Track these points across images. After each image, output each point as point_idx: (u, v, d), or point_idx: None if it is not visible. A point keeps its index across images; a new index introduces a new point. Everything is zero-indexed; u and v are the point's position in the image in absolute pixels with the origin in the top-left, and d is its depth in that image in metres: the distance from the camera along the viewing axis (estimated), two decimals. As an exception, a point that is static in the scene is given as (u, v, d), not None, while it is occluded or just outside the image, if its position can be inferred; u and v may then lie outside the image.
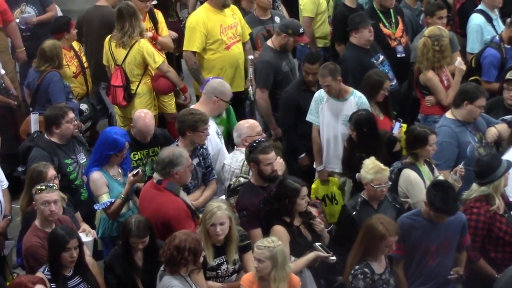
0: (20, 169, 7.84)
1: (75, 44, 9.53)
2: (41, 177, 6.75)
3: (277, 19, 9.67)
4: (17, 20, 9.97)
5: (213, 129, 7.86)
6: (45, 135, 7.67)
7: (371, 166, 6.93)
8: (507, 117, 7.85)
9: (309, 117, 8.28)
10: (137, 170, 7.14)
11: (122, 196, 7.11)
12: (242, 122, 7.80)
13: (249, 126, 7.63)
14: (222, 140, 8.04)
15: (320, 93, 8.24)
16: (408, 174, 7.27)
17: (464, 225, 6.75)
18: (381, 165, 6.94)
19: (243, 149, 7.30)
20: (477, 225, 6.86)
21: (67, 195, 6.94)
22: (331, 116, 8.17)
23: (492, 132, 7.69)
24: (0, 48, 9.28)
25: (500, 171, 6.83)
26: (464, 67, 8.74)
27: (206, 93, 8.05)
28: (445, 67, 8.73)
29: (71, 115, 7.67)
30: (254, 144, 6.99)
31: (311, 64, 8.45)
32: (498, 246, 6.88)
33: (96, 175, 7.17)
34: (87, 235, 7.08)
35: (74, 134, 7.78)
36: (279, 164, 7.01)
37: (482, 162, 6.97)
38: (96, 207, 7.18)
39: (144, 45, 8.95)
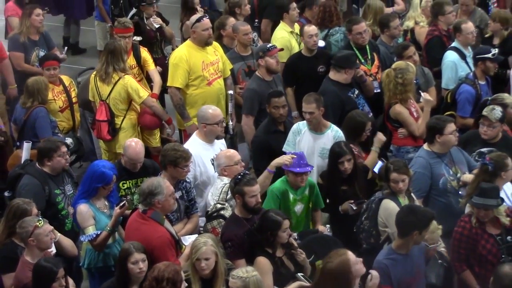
0: (6, 194, 7.82)
1: (65, 79, 9.53)
2: (25, 215, 6.73)
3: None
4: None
5: (209, 156, 7.93)
6: (37, 165, 7.70)
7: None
8: (484, 149, 7.86)
9: (285, 148, 8.26)
10: (123, 202, 7.10)
11: (108, 228, 7.09)
12: (221, 152, 7.83)
13: (227, 156, 7.63)
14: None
15: (298, 126, 8.30)
16: (387, 204, 7.22)
17: (425, 251, 6.83)
18: (435, 224, 6.80)
19: (223, 178, 7.48)
20: (461, 238, 6.93)
21: (54, 224, 7.00)
22: (307, 148, 8.18)
23: (469, 177, 7.66)
24: None
25: (491, 203, 6.83)
26: (430, 98, 8.80)
27: (197, 123, 8.18)
28: (412, 100, 8.79)
29: (64, 149, 7.69)
30: (239, 177, 7.00)
31: (278, 98, 8.45)
32: (481, 263, 6.91)
33: (83, 208, 7.14)
34: None
35: (64, 167, 7.76)
36: None
37: (482, 186, 6.96)
38: (82, 239, 7.15)
39: (128, 80, 8.97)
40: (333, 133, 8.19)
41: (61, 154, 7.64)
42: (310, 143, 8.19)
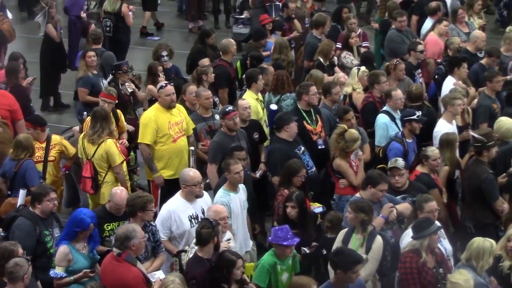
0: (2, 234, 7.71)
1: (54, 139, 9.43)
2: (12, 255, 6.72)
3: (216, 116, 9.68)
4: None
5: (188, 213, 7.87)
6: (30, 208, 7.74)
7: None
8: (399, 197, 7.95)
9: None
10: (94, 273, 7.19)
11: (72, 279, 7.13)
12: (212, 206, 7.75)
13: (214, 210, 7.57)
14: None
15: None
16: (339, 237, 7.42)
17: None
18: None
19: None
20: (411, 271, 6.94)
21: (43, 260, 7.15)
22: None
23: (388, 208, 7.67)
24: (4, 140, 9.29)
25: (427, 232, 6.93)
26: (362, 156, 9.03)
27: (180, 183, 8.02)
28: (352, 154, 8.92)
29: (53, 195, 7.74)
30: (213, 223, 7.12)
31: (239, 151, 8.53)
32: None
33: (62, 249, 7.18)
34: None
35: (52, 211, 7.78)
36: None
37: (417, 222, 7.12)
38: (51, 273, 7.16)
39: (109, 145, 9.00)
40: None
41: (50, 199, 7.68)
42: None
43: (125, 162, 9.39)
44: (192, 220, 7.83)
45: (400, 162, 8.17)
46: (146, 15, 16.55)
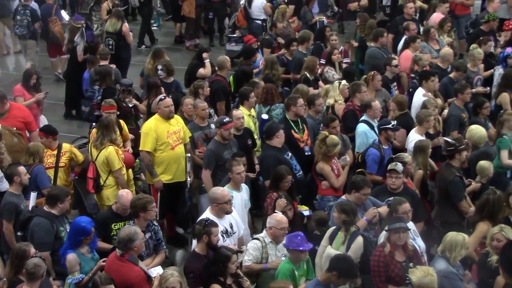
0: (19, 233, 7.85)
1: (65, 146, 9.47)
2: (25, 254, 6.81)
3: (212, 126, 9.76)
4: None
5: (219, 228, 7.57)
6: (45, 208, 7.82)
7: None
8: (390, 199, 7.93)
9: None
10: (103, 260, 7.27)
11: (90, 274, 7.21)
12: (275, 215, 7.64)
13: (277, 220, 7.51)
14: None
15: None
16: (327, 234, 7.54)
17: None
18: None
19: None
20: (378, 264, 7.05)
21: (59, 254, 7.23)
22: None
23: (372, 212, 7.78)
24: (19, 149, 9.31)
25: (391, 227, 7.00)
26: (349, 161, 9.20)
27: (209, 202, 7.99)
28: (334, 159, 9.06)
29: (68, 196, 7.98)
30: (206, 222, 7.25)
31: (241, 157, 8.64)
32: (391, 282, 7.04)
33: (71, 256, 7.22)
34: None
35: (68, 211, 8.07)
36: None
37: (390, 220, 7.23)
38: (69, 281, 7.16)
39: (110, 151, 9.05)
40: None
41: (68, 200, 7.93)
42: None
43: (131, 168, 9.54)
44: (224, 235, 7.77)
45: (400, 166, 8.16)
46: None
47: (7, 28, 16.25)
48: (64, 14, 14.98)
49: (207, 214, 7.84)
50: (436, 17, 13.74)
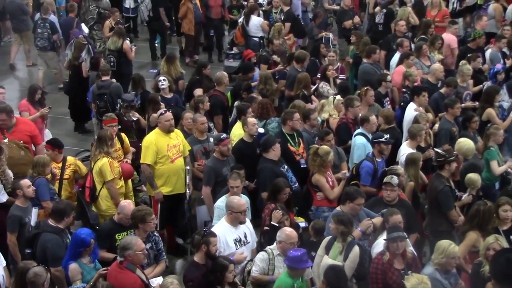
0: (27, 250, 7.83)
1: (70, 159, 9.50)
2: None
3: (211, 139, 9.81)
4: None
5: (233, 237, 7.76)
6: (50, 222, 7.82)
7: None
8: (384, 210, 7.94)
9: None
10: (106, 271, 7.27)
11: (91, 283, 7.21)
12: (285, 229, 7.55)
13: (287, 234, 7.40)
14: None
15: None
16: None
17: None
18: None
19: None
20: (376, 271, 7.09)
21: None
22: None
23: (366, 223, 7.81)
24: (26, 162, 9.31)
25: (389, 237, 7.08)
26: (346, 174, 9.20)
27: (225, 210, 8.01)
28: (329, 171, 9.11)
29: (74, 210, 8.08)
30: (205, 232, 7.38)
31: (239, 170, 8.66)
32: None
33: (73, 266, 7.30)
34: None
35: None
36: None
37: (388, 228, 7.24)
38: None
39: (103, 163, 9.05)
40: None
41: (73, 214, 8.01)
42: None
43: (130, 180, 9.59)
44: (237, 243, 7.82)
45: (395, 180, 8.18)
46: None
47: (24, 43, 16.55)
48: (85, 28, 15.16)
49: (222, 222, 7.87)
50: (447, 37, 13.62)
